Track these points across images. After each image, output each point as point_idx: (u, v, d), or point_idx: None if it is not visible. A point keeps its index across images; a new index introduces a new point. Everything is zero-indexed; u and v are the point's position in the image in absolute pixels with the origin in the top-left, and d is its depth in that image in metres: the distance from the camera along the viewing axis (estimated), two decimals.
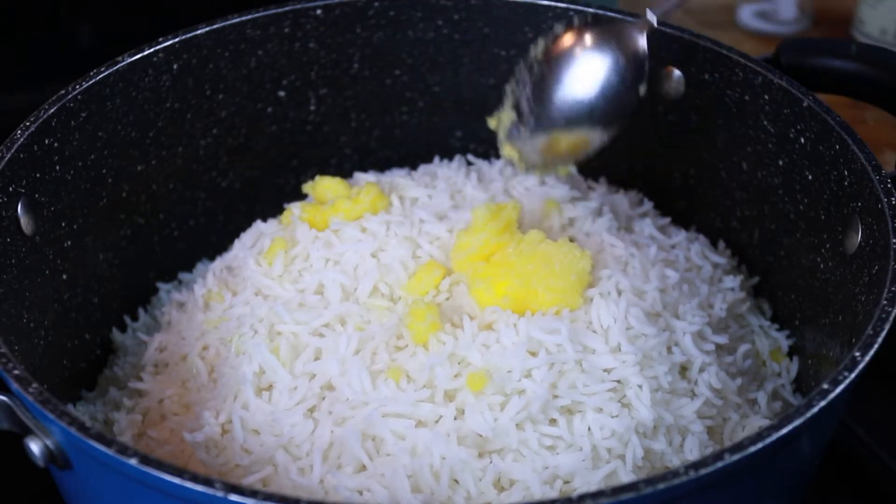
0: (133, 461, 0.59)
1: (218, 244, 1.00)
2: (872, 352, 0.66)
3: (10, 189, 0.78)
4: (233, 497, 0.57)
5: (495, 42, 1.00)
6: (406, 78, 1.03)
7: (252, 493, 0.57)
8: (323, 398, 0.78)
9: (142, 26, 1.03)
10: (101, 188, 0.90)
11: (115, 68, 0.88)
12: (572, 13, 0.96)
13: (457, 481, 0.73)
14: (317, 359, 0.80)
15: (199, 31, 0.94)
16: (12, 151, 0.79)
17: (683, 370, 0.82)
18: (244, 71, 0.97)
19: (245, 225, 0.97)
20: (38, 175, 0.82)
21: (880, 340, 0.66)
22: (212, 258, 1.00)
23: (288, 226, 0.92)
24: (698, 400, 0.79)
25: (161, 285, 0.99)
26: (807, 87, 0.86)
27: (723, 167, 0.96)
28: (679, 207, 1.01)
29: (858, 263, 0.77)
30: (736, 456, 0.59)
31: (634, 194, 1.01)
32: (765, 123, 0.89)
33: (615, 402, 0.76)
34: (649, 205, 1.00)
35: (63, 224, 0.85)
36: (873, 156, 0.78)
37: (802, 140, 0.86)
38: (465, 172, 0.98)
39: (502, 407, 0.75)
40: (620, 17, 0.93)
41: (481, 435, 0.74)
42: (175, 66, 0.93)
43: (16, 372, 0.65)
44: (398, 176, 0.98)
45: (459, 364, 0.77)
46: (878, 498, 0.90)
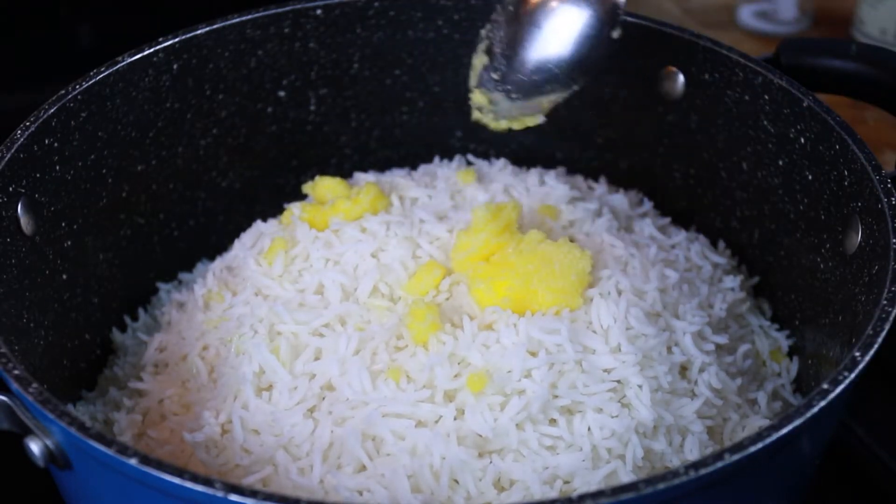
0: (133, 461, 0.59)
1: (218, 244, 1.00)
2: (872, 352, 0.66)
3: (10, 189, 0.78)
4: (233, 497, 0.57)
5: None
6: (406, 78, 1.03)
7: (252, 493, 0.57)
8: (323, 398, 0.78)
9: (142, 26, 1.03)
10: (101, 188, 0.90)
11: (115, 68, 0.88)
12: None
13: (457, 481, 0.73)
14: (317, 359, 0.80)
15: (199, 31, 0.94)
16: (12, 151, 0.79)
17: (683, 370, 0.82)
18: (244, 71, 0.97)
19: (245, 225, 0.97)
20: (38, 175, 0.82)
21: (880, 340, 0.66)
22: (212, 258, 1.00)
23: (288, 226, 0.92)
24: (698, 400, 0.79)
25: (161, 285, 0.99)
26: (807, 87, 0.86)
27: (723, 167, 0.96)
28: (679, 207, 1.01)
29: (858, 263, 0.77)
30: (736, 456, 0.59)
31: (634, 194, 1.01)
32: (765, 123, 0.89)
33: (615, 402, 0.76)
34: (649, 205, 1.00)
35: (63, 224, 0.85)
36: (873, 156, 0.78)
37: (802, 140, 0.86)
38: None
39: (502, 407, 0.75)
40: None
41: (481, 435, 0.74)
42: (175, 66, 0.93)
43: (16, 372, 0.65)
44: (398, 176, 0.98)
45: (459, 364, 0.77)
46: (878, 498, 0.90)
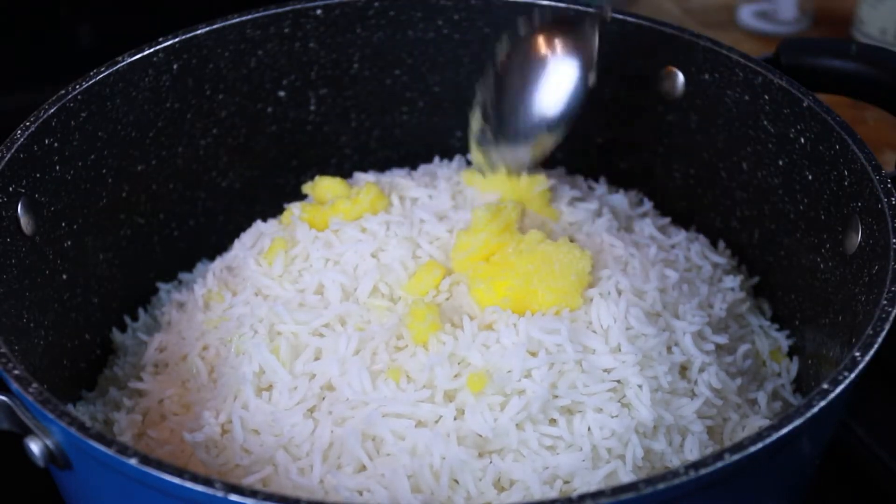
0: (133, 461, 0.59)
1: (218, 244, 1.00)
2: (872, 352, 0.66)
3: (10, 189, 0.78)
4: (233, 497, 0.57)
5: (495, 42, 1.00)
6: (406, 78, 1.03)
7: (252, 493, 0.57)
8: (323, 398, 0.78)
9: (142, 26, 1.03)
10: (101, 188, 0.90)
11: (115, 68, 0.88)
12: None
13: (457, 481, 0.73)
14: (317, 359, 0.80)
15: (199, 31, 0.94)
16: (12, 151, 0.79)
17: (683, 370, 0.82)
18: (244, 71, 0.97)
19: (245, 225, 0.97)
20: (38, 175, 0.82)
21: (880, 340, 0.66)
22: (212, 258, 1.00)
23: (288, 226, 0.91)
24: (698, 400, 0.79)
25: (161, 285, 0.99)
26: (807, 87, 0.86)
27: (723, 167, 0.96)
28: (679, 207, 1.01)
29: (858, 263, 0.77)
30: (736, 456, 0.59)
31: (634, 194, 1.01)
32: (765, 123, 0.89)
33: (615, 402, 0.76)
34: (649, 205, 1.00)
35: (63, 224, 0.85)
36: (873, 156, 0.78)
37: (802, 140, 0.86)
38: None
39: (502, 407, 0.75)
40: (575, 12, 0.91)
41: (481, 435, 0.74)
42: (175, 66, 0.93)
43: (16, 372, 0.65)
44: (398, 176, 0.98)
45: (459, 364, 0.77)
46: (878, 498, 0.90)
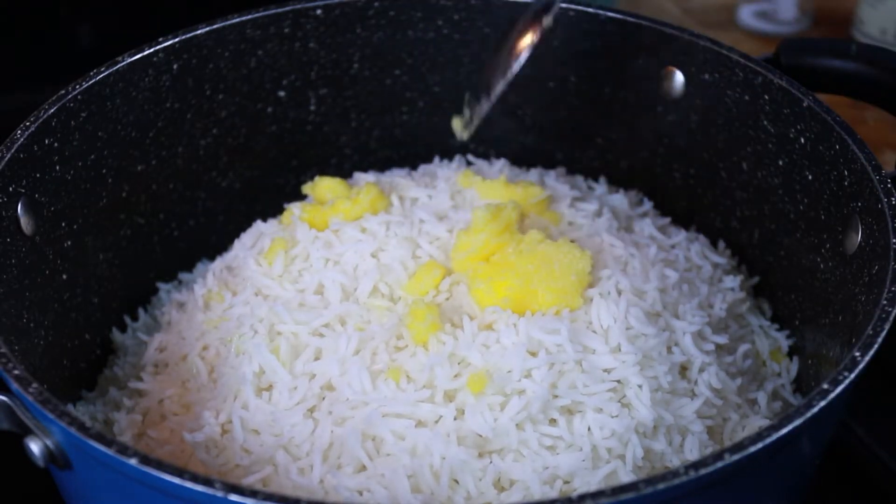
0: (133, 461, 0.59)
1: (218, 244, 1.00)
2: (872, 352, 0.66)
3: (10, 189, 0.78)
4: (233, 497, 0.57)
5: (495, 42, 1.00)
6: (406, 78, 1.03)
7: (252, 493, 0.57)
8: (323, 398, 0.78)
9: (142, 26, 1.03)
10: (101, 188, 0.90)
11: (115, 68, 0.88)
12: (572, 13, 0.96)
13: (457, 481, 0.73)
14: (317, 359, 0.80)
15: (199, 31, 0.94)
16: (12, 151, 0.79)
17: (683, 370, 0.82)
18: (244, 71, 0.97)
19: (245, 225, 0.97)
20: (38, 175, 0.82)
21: (880, 340, 0.66)
22: (212, 258, 1.00)
23: (288, 226, 0.91)
24: (698, 400, 0.79)
25: (161, 285, 0.99)
26: (807, 87, 0.86)
27: (723, 167, 0.96)
28: (679, 207, 1.01)
29: (858, 263, 0.77)
30: (736, 456, 0.59)
31: (634, 194, 1.01)
32: (765, 123, 0.89)
33: (615, 402, 0.76)
34: (649, 205, 1.00)
35: (63, 224, 0.85)
36: (873, 156, 0.78)
37: (802, 140, 0.86)
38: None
39: (502, 407, 0.75)
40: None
41: (481, 435, 0.74)
42: (175, 66, 0.93)
43: (16, 372, 0.65)
44: (398, 176, 0.98)
45: (459, 364, 0.77)
46: (878, 498, 0.90)
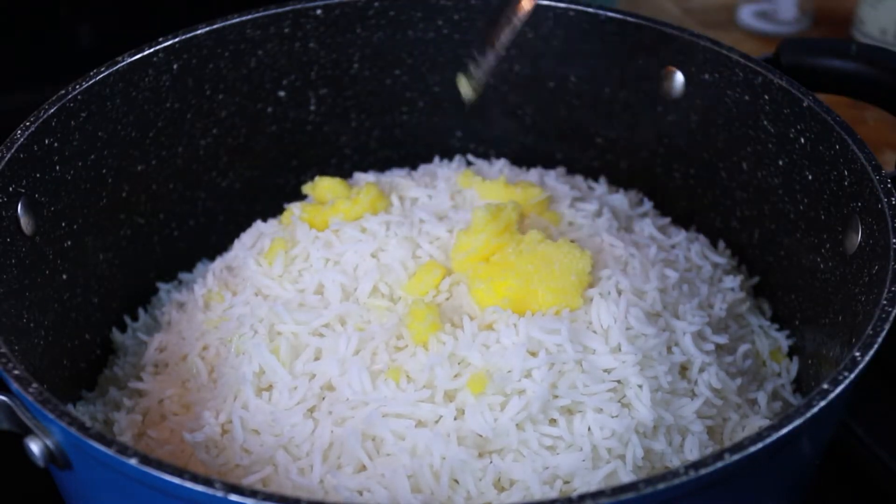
0: (133, 461, 0.59)
1: (218, 244, 1.00)
2: (872, 352, 0.65)
3: (10, 189, 0.78)
4: (233, 497, 0.57)
5: None
6: (406, 78, 1.03)
7: (252, 493, 0.57)
8: (323, 398, 0.78)
9: (142, 26, 1.03)
10: (101, 188, 0.90)
11: (115, 68, 0.88)
12: (572, 13, 0.96)
13: (457, 481, 0.73)
14: (317, 359, 0.80)
15: (199, 31, 0.94)
16: (12, 151, 0.79)
17: (683, 370, 0.82)
18: (244, 71, 0.97)
19: (245, 225, 0.97)
20: (38, 175, 0.82)
21: (880, 340, 0.66)
22: (212, 258, 1.00)
23: (288, 226, 0.91)
24: (698, 400, 0.79)
25: (161, 285, 0.99)
26: (807, 87, 0.86)
27: (723, 167, 0.96)
28: (679, 207, 1.01)
29: (858, 263, 0.77)
30: (736, 456, 0.59)
31: (634, 194, 1.01)
32: (765, 123, 0.89)
33: (615, 402, 0.76)
34: (649, 205, 1.00)
35: (63, 224, 0.85)
36: (873, 156, 0.78)
37: (802, 140, 0.86)
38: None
39: (502, 407, 0.75)
40: None
41: (481, 435, 0.74)
42: (175, 66, 0.93)
43: (16, 372, 0.65)
44: (398, 176, 0.98)
45: (459, 364, 0.77)
46: (878, 498, 0.90)
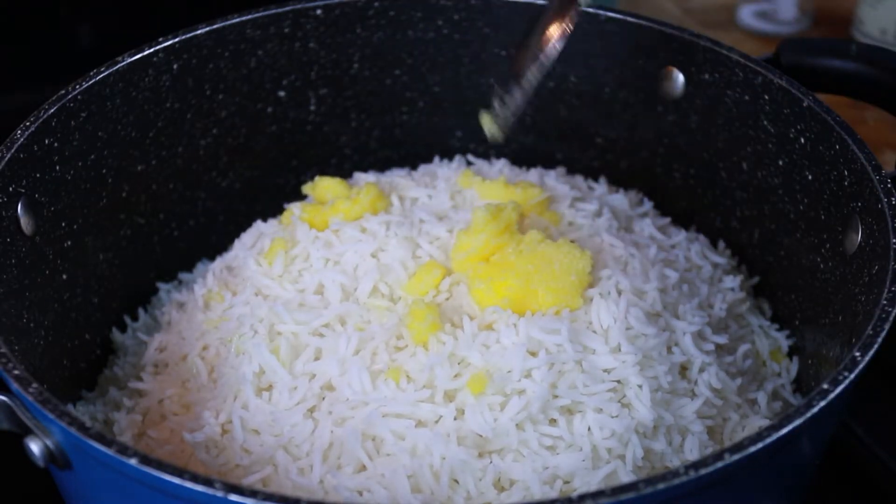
0: (133, 461, 0.59)
1: (218, 244, 1.00)
2: (872, 352, 0.66)
3: (10, 189, 0.78)
4: (233, 497, 0.57)
5: (495, 42, 1.00)
6: (406, 78, 1.03)
7: (252, 493, 0.57)
8: (323, 398, 0.78)
9: (142, 26, 1.03)
10: (101, 188, 0.90)
11: (115, 68, 0.88)
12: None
13: (457, 481, 0.73)
14: (317, 359, 0.80)
15: (199, 31, 0.94)
16: (12, 151, 0.79)
17: (683, 370, 0.82)
18: (244, 71, 0.97)
19: (245, 225, 0.97)
20: (38, 175, 0.82)
21: (880, 340, 0.66)
22: (212, 258, 1.00)
23: (288, 226, 0.91)
24: (698, 400, 0.79)
25: (161, 285, 0.99)
26: (807, 87, 0.86)
27: (723, 167, 0.96)
28: (679, 207, 1.01)
29: (858, 263, 0.77)
30: (736, 456, 0.59)
31: (634, 194, 1.01)
32: (765, 123, 0.89)
33: (615, 403, 0.76)
34: (649, 205, 1.00)
35: (63, 224, 0.85)
36: (873, 156, 0.78)
37: (802, 140, 0.86)
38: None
39: (502, 407, 0.75)
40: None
41: (481, 435, 0.74)
42: (175, 66, 0.93)
43: (16, 372, 0.65)
44: (398, 176, 0.98)
45: (459, 364, 0.77)
46: (878, 498, 0.90)
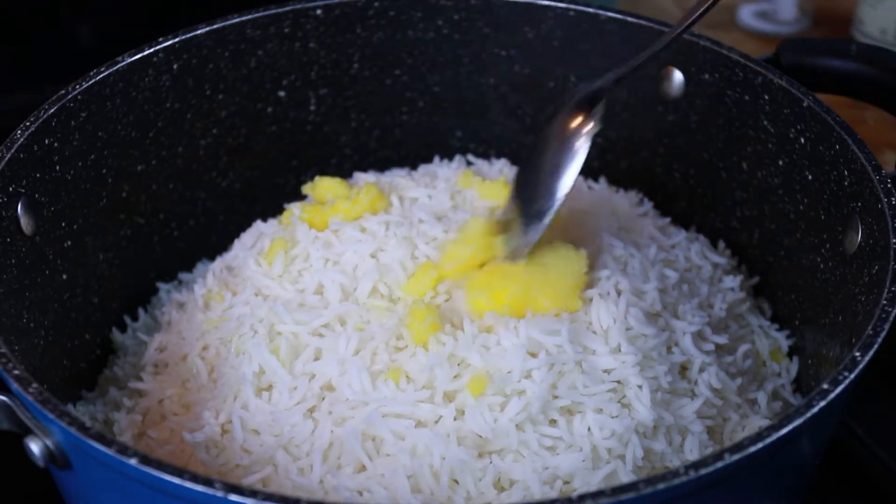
0: (133, 461, 0.59)
1: (218, 244, 1.00)
2: (872, 352, 0.65)
3: (10, 189, 0.78)
4: (233, 497, 0.57)
5: (495, 42, 1.00)
6: (406, 78, 1.03)
7: (252, 493, 0.57)
8: (323, 398, 0.78)
9: (142, 26, 1.03)
10: (101, 188, 0.90)
11: (115, 68, 0.88)
12: (572, 13, 0.96)
13: (457, 481, 0.73)
14: (317, 359, 0.80)
15: (199, 31, 0.94)
16: (12, 151, 0.79)
17: (683, 370, 0.81)
18: (244, 71, 0.97)
19: (245, 225, 0.97)
20: (38, 175, 0.82)
21: (880, 340, 0.66)
22: (212, 258, 1.00)
23: (288, 226, 0.91)
24: (698, 400, 0.79)
25: (161, 285, 0.99)
26: (807, 87, 0.86)
27: (723, 167, 0.96)
28: (679, 207, 1.01)
29: (858, 263, 0.77)
30: (736, 456, 0.59)
31: (634, 194, 1.01)
32: (765, 123, 0.89)
33: (615, 403, 0.76)
34: (649, 205, 1.00)
35: (63, 224, 0.85)
36: (873, 156, 0.78)
37: (802, 140, 0.86)
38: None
39: (502, 407, 0.75)
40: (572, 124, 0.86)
41: (481, 435, 0.74)
42: (175, 66, 0.93)
43: (16, 372, 0.65)
44: (398, 176, 0.98)
45: (459, 365, 0.77)
46: (878, 498, 0.90)
